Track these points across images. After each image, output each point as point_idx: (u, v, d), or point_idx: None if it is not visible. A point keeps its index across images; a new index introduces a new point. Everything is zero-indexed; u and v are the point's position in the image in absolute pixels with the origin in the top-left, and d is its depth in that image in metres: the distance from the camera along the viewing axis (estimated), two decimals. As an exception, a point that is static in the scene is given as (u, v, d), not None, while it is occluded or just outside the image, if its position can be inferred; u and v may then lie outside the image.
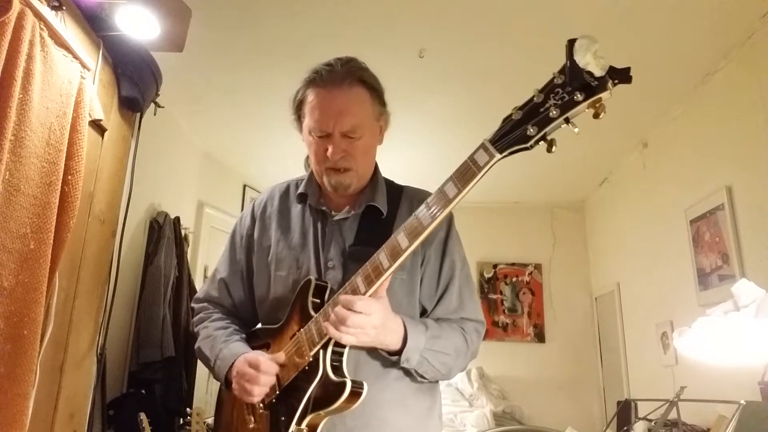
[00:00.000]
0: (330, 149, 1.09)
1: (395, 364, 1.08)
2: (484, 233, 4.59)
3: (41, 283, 1.29)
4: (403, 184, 1.28)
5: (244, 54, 2.62)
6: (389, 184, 1.25)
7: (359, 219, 1.17)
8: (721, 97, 2.52)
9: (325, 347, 1.02)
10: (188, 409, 2.27)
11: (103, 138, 1.70)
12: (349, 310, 0.94)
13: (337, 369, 1.03)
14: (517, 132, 0.84)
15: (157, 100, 1.99)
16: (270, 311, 1.19)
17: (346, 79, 1.11)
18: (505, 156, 0.85)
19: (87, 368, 1.70)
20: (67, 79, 1.43)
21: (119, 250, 1.88)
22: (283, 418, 1.04)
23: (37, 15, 1.29)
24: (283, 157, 3.81)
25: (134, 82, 1.78)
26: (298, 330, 1.08)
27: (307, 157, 1.26)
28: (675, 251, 2.88)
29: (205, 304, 1.29)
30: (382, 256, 0.96)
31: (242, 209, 4.22)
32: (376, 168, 1.24)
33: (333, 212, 1.19)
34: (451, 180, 0.90)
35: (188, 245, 3.35)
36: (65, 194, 1.40)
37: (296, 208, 1.24)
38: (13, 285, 1.22)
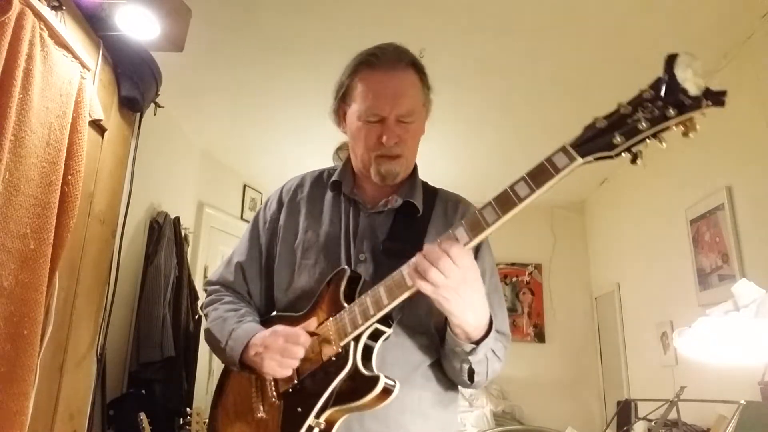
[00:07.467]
0: (385, 135, 1.05)
1: (421, 367, 1.05)
2: (484, 233, 4.57)
3: (41, 283, 1.29)
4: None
5: (244, 54, 2.62)
6: (424, 183, 1.21)
7: (394, 214, 1.13)
8: (721, 97, 2.52)
9: (357, 339, 0.96)
10: (188, 409, 2.27)
11: (103, 138, 1.70)
12: (444, 253, 0.86)
13: (366, 363, 0.97)
14: (601, 139, 0.81)
15: (157, 100, 1.99)
16: (292, 299, 1.14)
17: (400, 62, 1.08)
18: (586, 162, 0.82)
19: (87, 368, 1.70)
20: (67, 79, 1.43)
21: (119, 250, 1.88)
22: (299, 410, 0.98)
23: (37, 15, 1.29)
24: (283, 157, 3.82)
25: (134, 82, 1.78)
26: (327, 319, 1.02)
27: (338, 149, 1.23)
28: (675, 251, 2.88)
29: (218, 287, 1.23)
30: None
31: (242, 209, 4.23)
32: (415, 164, 1.20)
33: (368, 205, 1.15)
34: (523, 180, 0.87)
35: (188, 245, 3.35)
36: (65, 194, 1.40)
37: (328, 197, 1.19)
38: (13, 285, 1.22)
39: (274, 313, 1.20)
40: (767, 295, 1.60)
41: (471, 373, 1.01)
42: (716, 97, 0.76)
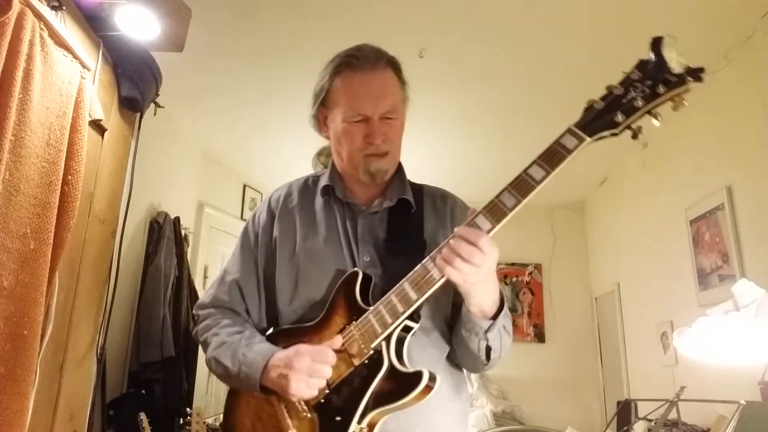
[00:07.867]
0: (372, 134, 1.07)
1: (441, 359, 1.07)
2: (484, 233, 4.58)
3: (41, 283, 1.29)
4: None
5: (244, 54, 2.62)
6: (408, 180, 1.22)
7: (388, 213, 1.13)
8: (721, 97, 2.52)
9: (387, 339, 0.96)
10: (188, 409, 2.28)
11: (103, 138, 1.70)
12: (473, 245, 0.89)
13: (400, 361, 0.96)
14: (604, 118, 0.90)
15: (157, 100, 1.99)
16: (298, 311, 1.11)
17: (379, 62, 1.10)
18: (594, 140, 0.90)
19: (87, 368, 1.70)
20: (67, 79, 1.43)
21: (119, 250, 1.88)
22: (338, 419, 0.95)
23: (37, 15, 1.29)
24: (283, 157, 3.82)
25: (134, 82, 1.78)
26: (348, 324, 1.00)
27: (318, 154, 1.23)
28: (675, 251, 2.88)
29: (212, 310, 1.16)
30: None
31: (242, 209, 4.23)
32: (399, 161, 1.20)
33: (362, 206, 1.14)
34: (535, 163, 0.92)
35: (188, 245, 3.35)
36: (65, 194, 1.40)
37: (318, 203, 1.17)
38: (13, 285, 1.22)
39: (271, 330, 1.17)
40: (767, 295, 1.60)
41: (488, 351, 1.03)
42: (696, 74, 0.85)
